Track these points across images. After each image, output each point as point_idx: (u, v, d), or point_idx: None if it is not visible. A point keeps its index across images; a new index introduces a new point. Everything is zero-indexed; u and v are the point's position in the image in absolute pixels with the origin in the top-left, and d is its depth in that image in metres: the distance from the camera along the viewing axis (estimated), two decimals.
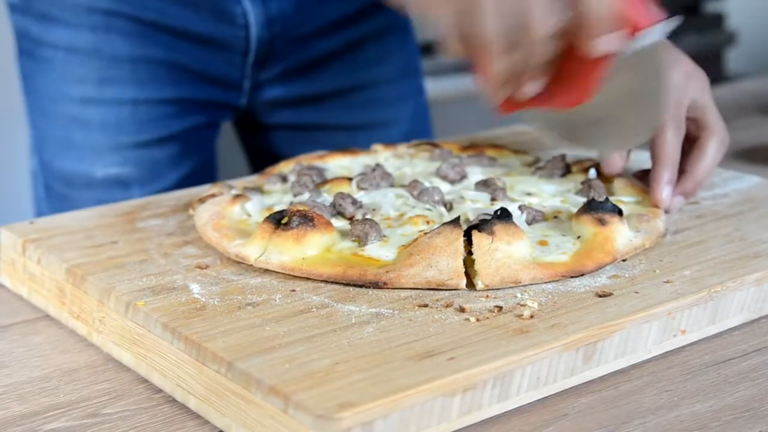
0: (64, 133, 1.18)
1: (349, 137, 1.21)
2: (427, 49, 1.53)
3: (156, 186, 1.19)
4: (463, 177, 0.92)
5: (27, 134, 1.27)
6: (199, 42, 1.16)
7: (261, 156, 1.33)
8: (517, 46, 0.71)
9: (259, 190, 0.90)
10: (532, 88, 0.75)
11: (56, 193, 1.21)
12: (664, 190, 0.85)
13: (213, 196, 0.88)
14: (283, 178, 0.93)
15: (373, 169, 0.91)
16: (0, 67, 2.08)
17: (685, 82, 0.87)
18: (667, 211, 0.86)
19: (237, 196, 0.86)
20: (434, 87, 2.06)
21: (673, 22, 0.72)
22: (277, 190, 0.91)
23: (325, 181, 0.91)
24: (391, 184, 0.90)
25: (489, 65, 0.72)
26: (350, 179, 0.91)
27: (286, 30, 1.18)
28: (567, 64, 0.73)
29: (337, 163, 0.98)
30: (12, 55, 1.25)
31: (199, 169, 1.25)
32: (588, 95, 0.75)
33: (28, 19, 1.17)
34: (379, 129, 1.27)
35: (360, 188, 0.89)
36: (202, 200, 0.87)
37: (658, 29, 0.72)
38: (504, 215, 0.77)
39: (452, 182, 0.91)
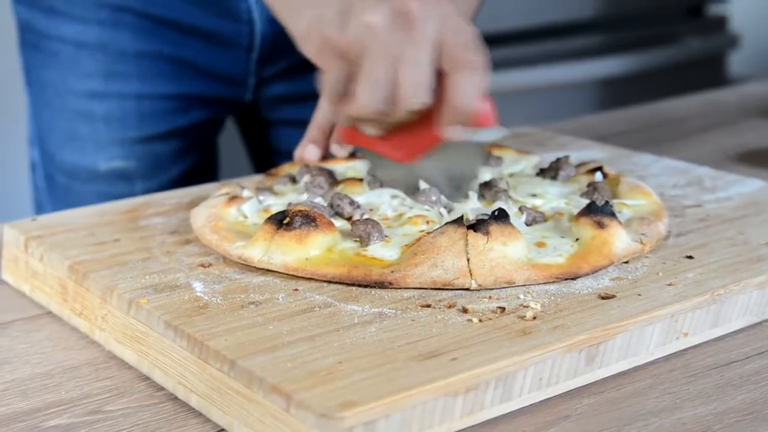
0: (69, 126, 1.19)
1: None
2: None
3: (158, 180, 1.20)
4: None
5: (26, 126, 1.28)
6: (204, 38, 1.17)
7: (263, 151, 1.33)
8: (382, 111, 0.79)
9: (270, 190, 0.90)
10: (372, 132, 0.84)
11: (58, 184, 1.22)
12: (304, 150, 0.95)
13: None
14: (293, 179, 0.93)
15: None
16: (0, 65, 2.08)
17: None
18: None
19: (232, 198, 0.86)
20: None
21: (504, 131, 0.83)
22: (288, 191, 0.90)
23: (337, 182, 0.91)
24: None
25: (348, 111, 0.81)
26: (362, 180, 0.91)
27: None
28: (409, 128, 0.82)
29: (343, 165, 0.97)
30: (8, 51, 1.25)
31: (201, 164, 1.26)
32: (413, 159, 0.86)
33: (33, 12, 1.18)
34: None
35: (372, 188, 0.89)
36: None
37: (494, 131, 0.82)
38: (501, 216, 0.77)
39: None
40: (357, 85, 0.78)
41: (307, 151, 0.96)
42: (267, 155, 1.33)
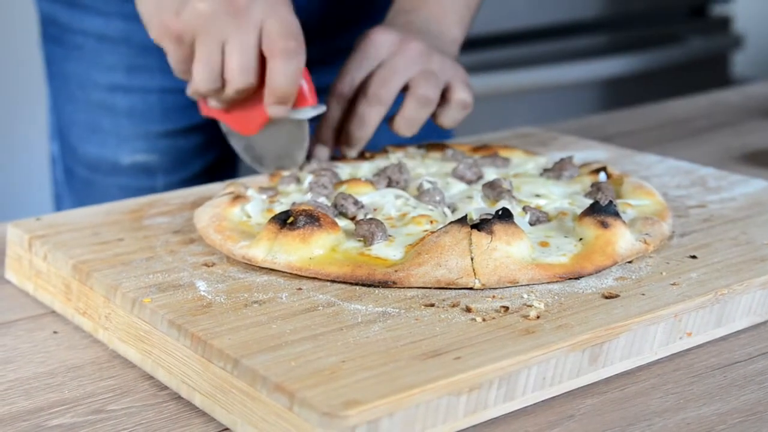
0: (92, 119, 1.20)
1: None
2: None
3: (180, 174, 1.21)
4: (480, 177, 0.92)
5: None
6: None
7: None
8: (214, 89, 0.91)
9: (274, 190, 0.90)
10: (215, 106, 0.95)
11: (79, 177, 1.23)
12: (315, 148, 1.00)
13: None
14: (297, 179, 0.93)
15: (385, 168, 0.92)
16: (2, 64, 2.08)
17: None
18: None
19: (236, 197, 0.86)
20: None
21: (322, 108, 0.95)
22: (292, 191, 0.91)
23: (341, 182, 0.91)
24: (405, 180, 0.90)
25: (189, 88, 0.93)
26: (366, 179, 0.91)
27: (310, 20, 1.18)
28: (248, 103, 0.94)
29: (351, 165, 0.97)
30: (16, 51, 1.26)
31: (222, 159, 1.26)
32: (252, 131, 0.98)
33: (56, 6, 1.19)
34: None
35: (376, 188, 0.89)
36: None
37: (312, 109, 0.94)
38: (505, 215, 0.77)
39: (469, 182, 0.91)
40: (192, 66, 0.89)
41: (317, 150, 0.98)
42: None
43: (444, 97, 0.97)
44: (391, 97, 0.97)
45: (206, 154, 1.24)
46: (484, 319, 0.68)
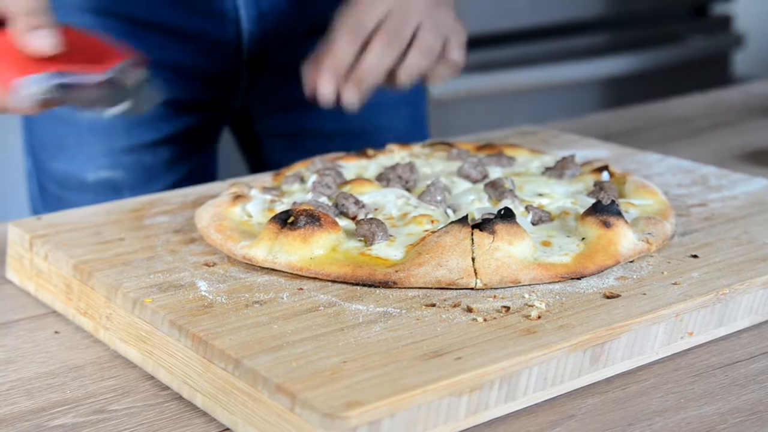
0: (57, 135, 1.18)
1: (342, 145, 1.19)
2: None
3: (147, 191, 1.18)
4: (485, 176, 0.92)
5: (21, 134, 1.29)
6: (190, 40, 1.15)
7: (259, 167, 1.32)
8: None
9: (278, 190, 0.90)
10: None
11: (51, 193, 1.22)
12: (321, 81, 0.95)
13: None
14: (301, 179, 0.93)
15: (395, 166, 0.92)
16: None
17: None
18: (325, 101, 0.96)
19: (237, 197, 0.86)
20: (438, 87, 2.06)
21: (65, 78, 0.81)
22: (295, 190, 0.90)
23: (346, 182, 0.91)
24: (414, 179, 0.90)
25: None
26: (370, 180, 0.91)
27: (279, 27, 1.17)
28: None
29: (356, 164, 0.97)
30: None
31: (195, 173, 1.23)
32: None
33: None
34: (373, 135, 1.24)
35: (385, 186, 0.89)
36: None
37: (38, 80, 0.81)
38: (507, 215, 0.77)
39: (474, 181, 0.91)
40: None
41: (323, 86, 0.96)
42: (264, 168, 1.32)
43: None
44: (407, 39, 0.96)
45: (175, 169, 1.21)
46: (485, 320, 0.68)
